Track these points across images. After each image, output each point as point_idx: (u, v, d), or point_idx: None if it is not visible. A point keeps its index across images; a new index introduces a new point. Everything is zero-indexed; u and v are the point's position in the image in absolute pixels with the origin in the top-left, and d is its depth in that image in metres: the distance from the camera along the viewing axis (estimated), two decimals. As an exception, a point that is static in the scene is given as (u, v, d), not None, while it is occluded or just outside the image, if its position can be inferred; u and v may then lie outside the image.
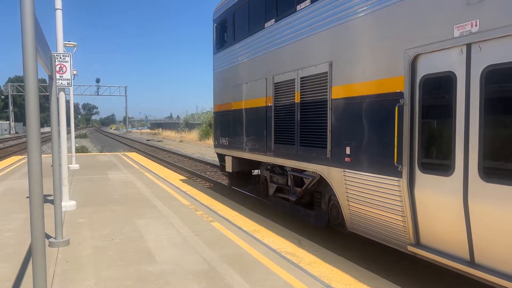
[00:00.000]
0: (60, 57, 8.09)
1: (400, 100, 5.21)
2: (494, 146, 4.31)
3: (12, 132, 79.87)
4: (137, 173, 14.29)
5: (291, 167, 8.28)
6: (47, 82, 6.52)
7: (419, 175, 5.07)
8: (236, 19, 10.44)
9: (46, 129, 76.09)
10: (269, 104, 8.71)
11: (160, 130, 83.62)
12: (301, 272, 4.98)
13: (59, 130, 8.64)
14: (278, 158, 8.48)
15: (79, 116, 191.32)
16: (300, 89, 7.56)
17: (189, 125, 64.80)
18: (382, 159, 5.54)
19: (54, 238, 6.00)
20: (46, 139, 42.99)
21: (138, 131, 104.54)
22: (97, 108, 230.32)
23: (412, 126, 5.14)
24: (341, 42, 6.46)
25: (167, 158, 25.58)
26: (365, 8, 5.86)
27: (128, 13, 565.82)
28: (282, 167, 8.87)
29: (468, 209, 4.43)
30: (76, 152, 18.65)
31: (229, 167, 11.12)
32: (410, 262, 6.16)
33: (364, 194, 5.90)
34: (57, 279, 4.76)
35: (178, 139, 53.46)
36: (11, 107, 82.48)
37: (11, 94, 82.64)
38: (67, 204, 8.32)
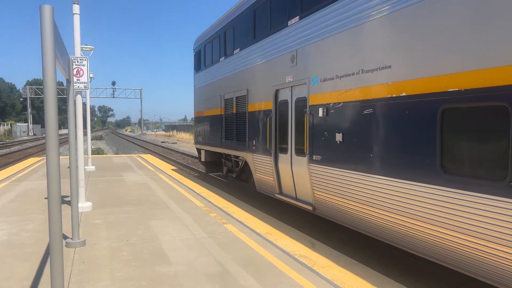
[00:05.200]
0: (78, 61, 8.25)
1: (270, 114, 9.19)
2: (296, 137, 8.23)
3: (30, 134, 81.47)
4: (152, 175, 14.45)
5: (232, 155, 12.05)
6: (64, 85, 6.71)
7: (278, 154, 9.00)
8: (206, 52, 14.69)
9: (63, 131, 77.41)
10: (222, 113, 12.62)
11: (175, 132, 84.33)
12: (314, 275, 4.97)
13: (76, 133, 8.79)
14: (226, 149, 12.39)
15: (95, 118, 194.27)
16: (235, 104, 11.45)
17: (203, 127, 65.14)
18: (264, 146, 9.54)
19: (71, 238, 6.10)
20: (63, 141, 43.77)
21: (153, 133, 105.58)
22: (112, 110, 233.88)
23: (276, 128, 9.06)
24: (250, 77, 10.44)
25: (181, 160, 25.77)
26: (257, 59, 9.95)
27: (142, 16, 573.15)
28: (229, 155, 12.48)
29: (292, 171, 8.35)
30: (92, 154, 18.93)
31: (203, 158, 15.30)
32: (426, 266, 6.09)
33: (260, 167, 9.84)
34: (73, 279, 4.85)
35: (192, 141, 53.80)
36: (29, 110, 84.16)
37: (29, 97, 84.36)
38: (83, 205, 8.46)
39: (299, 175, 8.00)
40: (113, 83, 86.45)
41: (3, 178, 13.45)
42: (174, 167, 18.60)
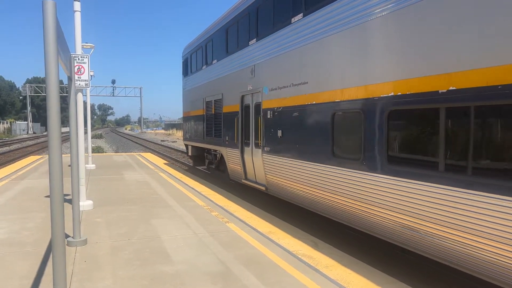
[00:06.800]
0: (78, 58, 8.19)
1: (238, 115, 11.19)
2: (255, 133, 10.15)
3: (30, 132, 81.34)
4: (152, 173, 14.41)
5: (212, 149, 14.20)
6: (64, 84, 6.68)
7: (243, 148, 10.97)
8: (192, 60, 16.94)
9: (64, 129, 77.16)
10: (204, 114, 14.73)
11: (174, 130, 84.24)
12: (318, 275, 4.92)
13: (77, 130, 8.75)
14: (207, 144, 14.51)
15: (95, 117, 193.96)
16: (214, 106, 13.55)
17: (202, 126, 65.12)
18: (234, 141, 11.55)
19: (72, 237, 6.06)
20: (63, 139, 43.57)
21: (152, 131, 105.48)
22: (112, 108, 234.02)
23: (242, 126, 10.99)
24: (224, 84, 12.58)
25: (181, 159, 25.70)
26: (229, 69, 12.05)
27: (142, 14, 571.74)
28: (210, 149, 14.63)
29: (253, 160, 10.30)
30: (92, 152, 18.88)
31: (190, 152, 17.40)
32: (429, 266, 6.05)
33: (231, 158, 11.84)
34: (75, 278, 4.81)
35: (192, 140, 53.57)
36: (29, 108, 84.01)
37: (29, 95, 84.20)
38: (84, 203, 8.42)
39: (257, 163, 10.07)
40: (113, 82, 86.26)
41: (3, 176, 13.40)
42: (174, 166, 18.55)
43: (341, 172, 6.55)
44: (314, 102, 7.46)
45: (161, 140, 53.17)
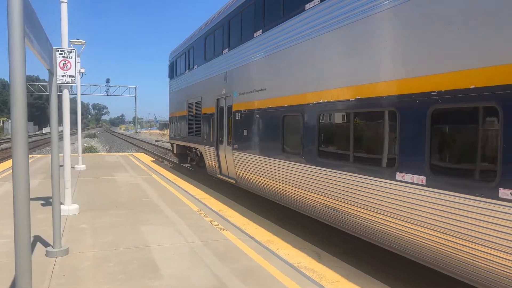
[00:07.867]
0: (65, 53, 7.63)
1: (213, 115, 12.32)
2: (227, 132, 11.22)
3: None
4: (145, 175, 13.84)
5: (193, 147, 15.38)
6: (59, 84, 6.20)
7: (218, 145, 11.97)
8: (176, 64, 18.19)
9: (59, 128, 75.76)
10: (186, 114, 15.92)
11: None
12: (323, 293, 4.42)
13: (62, 129, 8.28)
14: (189, 143, 15.69)
15: (89, 116, 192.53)
16: (194, 108, 14.75)
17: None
18: (209, 140, 12.75)
19: (52, 246, 5.51)
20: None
21: (147, 131, 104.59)
22: (107, 108, 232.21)
23: (217, 126, 12.04)
24: (203, 88, 13.69)
25: (175, 160, 25.13)
26: (207, 74, 13.24)
27: (141, 15, 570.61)
28: (191, 147, 15.88)
29: (225, 156, 11.33)
30: (84, 152, 18.28)
31: (174, 150, 18.85)
32: (440, 280, 5.57)
33: (208, 155, 12.92)
34: (51, 295, 4.27)
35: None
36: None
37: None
38: (69, 208, 7.87)
39: (229, 159, 11.11)
40: (108, 81, 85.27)
41: (-13, 177, 12.77)
42: (167, 167, 18.00)
43: (288, 165, 7.83)
44: (270, 106, 8.72)
45: (155, 140, 52.40)
